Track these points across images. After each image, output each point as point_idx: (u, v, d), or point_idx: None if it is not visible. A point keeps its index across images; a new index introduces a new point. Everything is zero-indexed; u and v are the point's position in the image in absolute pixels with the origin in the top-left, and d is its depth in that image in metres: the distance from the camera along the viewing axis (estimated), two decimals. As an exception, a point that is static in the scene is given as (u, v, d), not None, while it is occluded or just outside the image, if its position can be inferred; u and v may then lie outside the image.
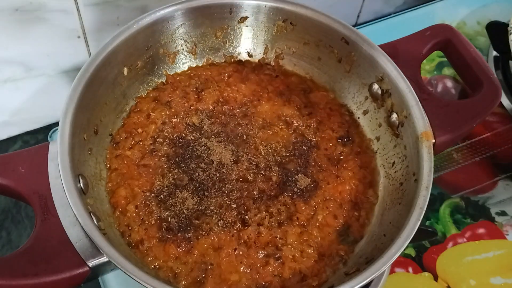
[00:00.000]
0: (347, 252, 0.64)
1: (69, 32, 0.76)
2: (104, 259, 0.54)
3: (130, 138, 0.69)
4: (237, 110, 0.73)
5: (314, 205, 0.66)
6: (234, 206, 0.64)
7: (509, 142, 0.88)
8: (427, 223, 0.80)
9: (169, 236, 0.61)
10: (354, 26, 0.89)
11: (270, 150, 0.69)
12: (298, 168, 0.68)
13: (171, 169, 0.66)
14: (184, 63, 0.77)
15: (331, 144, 0.71)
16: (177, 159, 0.67)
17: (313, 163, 0.69)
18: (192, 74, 0.76)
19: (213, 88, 0.74)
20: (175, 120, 0.71)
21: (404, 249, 0.55)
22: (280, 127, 0.72)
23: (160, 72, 0.75)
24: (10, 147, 0.85)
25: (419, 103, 0.66)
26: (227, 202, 0.64)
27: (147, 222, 0.63)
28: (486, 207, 0.82)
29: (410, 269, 0.76)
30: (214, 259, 0.61)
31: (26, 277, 0.52)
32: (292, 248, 0.62)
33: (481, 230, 0.80)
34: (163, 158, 0.67)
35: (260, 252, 0.62)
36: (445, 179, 0.84)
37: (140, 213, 0.63)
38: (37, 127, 0.86)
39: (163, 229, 0.62)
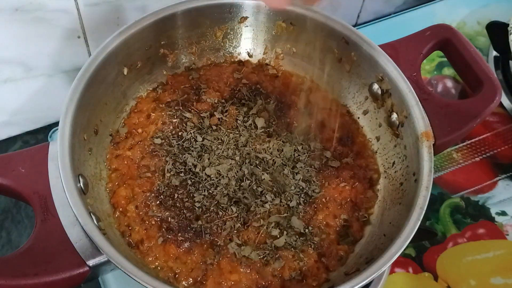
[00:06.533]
0: (347, 252, 0.64)
1: (69, 32, 0.76)
2: (104, 259, 0.54)
3: (130, 138, 0.69)
4: (237, 110, 0.73)
5: (314, 205, 0.66)
6: (234, 206, 0.64)
7: (509, 142, 0.88)
8: (427, 223, 0.80)
9: (169, 236, 0.61)
10: (354, 26, 0.89)
11: (270, 150, 0.69)
12: (298, 168, 0.68)
13: (171, 169, 0.66)
14: (184, 63, 0.77)
15: (331, 144, 0.71)
16: (177, 159, 0.67)
17: (313, 163, 0.69)
18: (192, 74, 0.76)
19: (213, 88, 0.74)
20: (175, 120, 0.71)
21: (404, 249, 0.55)
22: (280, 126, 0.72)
23: (160, 72, 0.75)
24: (10, 147, 0.85)
25: (419, 103, 0.66)
26: (227, 202, 0.64)
27: (147, 222, 0.63)
28: (486, 207, 0.82)
29: (410, 269, 0.76)
30: (214, 259, 0.61)
31: (26, 277, 0.52)
32: (292, 248, 0.62)
33: (481, 230, 0.80)
34: (163, 158, 0.67)
35: (260, 252, 0.62)
36: (445, 179, 0.84)
37: (140, 213, 0.63)
38: (37, 127, 0.86)
39: (163, 229, 0.62)
